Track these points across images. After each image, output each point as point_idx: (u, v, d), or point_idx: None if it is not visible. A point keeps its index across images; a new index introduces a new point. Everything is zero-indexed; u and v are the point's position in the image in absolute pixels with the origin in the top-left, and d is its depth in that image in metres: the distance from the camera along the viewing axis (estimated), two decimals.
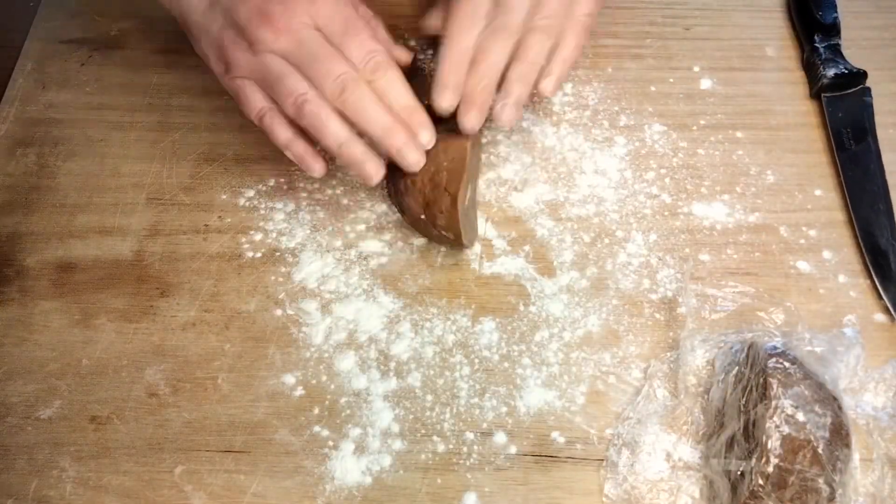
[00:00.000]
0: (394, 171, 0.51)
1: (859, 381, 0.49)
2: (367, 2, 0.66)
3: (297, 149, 0.51)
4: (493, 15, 0.48)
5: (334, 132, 0.48)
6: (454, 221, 0.50)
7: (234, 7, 0.49)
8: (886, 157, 0.58)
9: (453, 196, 0.49)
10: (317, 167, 0.51)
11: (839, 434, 0.43)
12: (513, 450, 0.49)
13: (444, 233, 0.52)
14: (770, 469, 0.42)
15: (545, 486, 0.48)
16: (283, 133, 0.50)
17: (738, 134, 0.61)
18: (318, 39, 0.48)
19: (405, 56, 0.53)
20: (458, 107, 0.50)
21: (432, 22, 0.53)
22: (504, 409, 0.50)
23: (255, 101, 0.50)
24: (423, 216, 0.51)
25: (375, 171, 0.49)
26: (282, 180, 0.59)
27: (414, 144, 0.49)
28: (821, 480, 0.42)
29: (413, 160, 0.49)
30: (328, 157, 0.52)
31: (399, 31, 0.66)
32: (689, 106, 0.63)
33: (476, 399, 0.50)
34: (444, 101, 0.49)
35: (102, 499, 0.47)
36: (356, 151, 0.49)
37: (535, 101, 0.61)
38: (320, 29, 0.48)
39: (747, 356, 0.48)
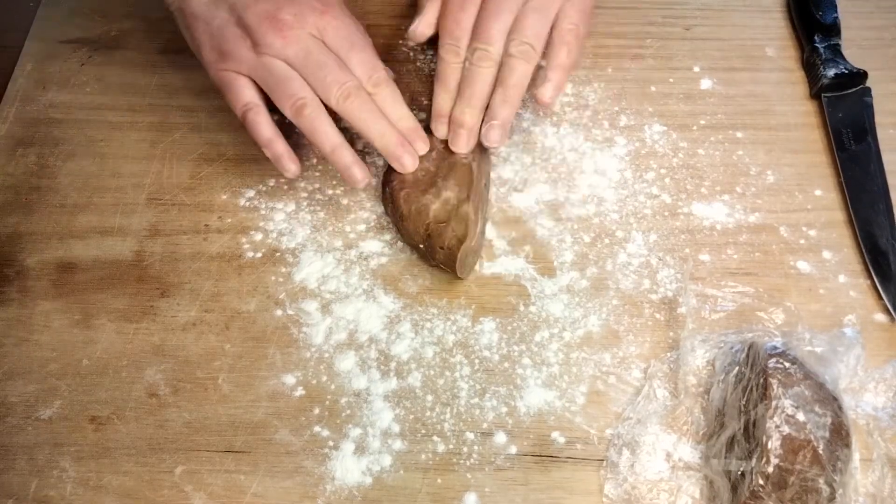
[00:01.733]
0: (396, 193, 0.52)
1: (859, 381, 0.49)
2: (367, 1, 0.67)
3: (277, 147, 0.53)
4: (473, 46, 0.52)
5: (329, 136, 0.51)
6: (452, 260, 0.51)
7: (244, 8, 0.51)
8: (886, 157, 0.58)
9: (461, 238, 0.50)
10: (292, 168, 0.53)
11: (839, 434, 0.43)
12: (513, 450, 0.49)
13: (441, 266, 0.53)
14: (770, 469, 0.42)
15: (545, 487, 0.48)
16: (265, 130, 0.52)
17: (738, 134, 0.61)
18: (325, 49, 0.51)
19: (393, 74, 0.56)
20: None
21: (418, 30, 0.56)
22: (504, 410, 0.50)
23: (245, 95, 0.52)
24: (421, 246, 0.52)
25: (362, 176, 0.52)
26: (282, 180, 0.59)
27: (409, 149, 0.53)
28: (821, 480, 0.42)
29: (408, 162, 0.52)
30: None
31: (400, 31, 0.66)
32: (689, 106, 0.63)
33: (476, 399, 0.50)
34: (440, 130, 0.54)
35: (103, 499, 0.47)
36: (346, 156, 0.52)
37: (540, 113, 0.61)
38: (325, 40, 0.52)
39: (747, 356, 0.48)
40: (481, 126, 0.53)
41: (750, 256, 0.55)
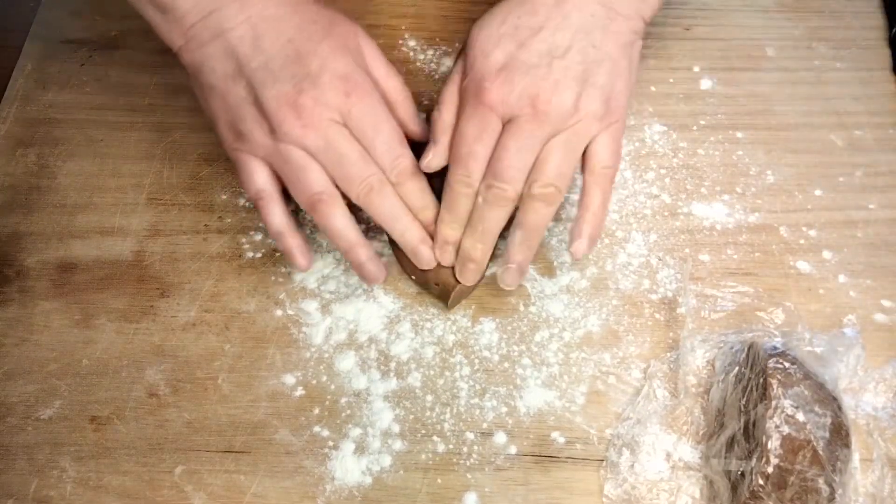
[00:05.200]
0: None
1: (859, 381, 0.49)
2: (367, 1, 0.67)
3: (288, 242, 0.50)
4: (489, 182, 0.47)
5: (345, 235, 0.49)
6: (445, 297, 0.51)
7: (262, 87, 0.46)
8: (887, 157, 0.59)
9: (459, 281, 0.50)
10: (303, 263, 0.51)
11: (839, 434, 0.44)
12: (513, 450, 0.49)
13: (433, 296, 0.53)
14: (770, 469, 0.42)
15: (545, 487, 0.48)
16: (277, 221, 0.49)
17: (738, 134, 0.61)
18: (347, 137, 0.47)
19: (420, 132, 0.53)
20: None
21: (433, 164, 0.50)
22: (504, 410, 0.50)
23: (258, 181, 0.49)
24: (413, 277, 0.52)
25: (377, 274, 0.50)
26: None
27: (429, 244, 0.50)
28: (821, 480, 0.42)
29: (427, 258, 0.50)
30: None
31: (400, 31, 0.66)
32: (689, 106, 0.62)
33: (476, 399, 0.50)
34: (447, 257, 0.50)
35: (102, 499, 0.47)
36: (362, 255, 0.50)
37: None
38: (348, 124, 0.47)
39: (747, 356, 0.48)
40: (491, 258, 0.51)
41: (750, 256, 0.55)
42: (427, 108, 0.61)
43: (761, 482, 0.42)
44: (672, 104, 0.63)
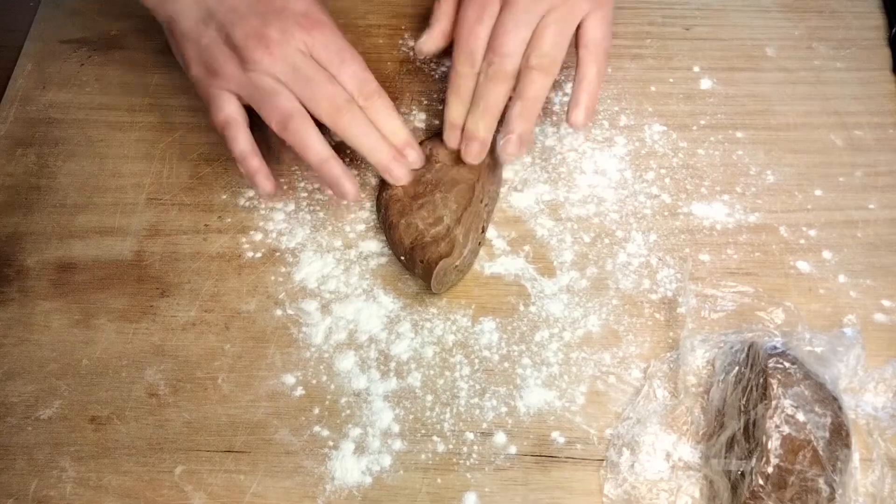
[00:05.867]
0: (391, 202, 0.52)
1: (859, 381, 0.49)
2: (367, 1, 0.67)
3: (252, 163, 0.52)
4: (490, 59, 0.51)
5: (317, 149, 0.51)
6: (429, 275, 0.51)
7: (231, 26, 0.50)
8: (887, 157, 0.59)
9: (444, 255, 0.50)
10: (267, 186, 0.53)
11: (839, 434, 0.44)
12: (513, 450, 0.49)
13: (418, 279, 0.53)
14: (770, 469, 0.42)
15: (545, 486, 0.48)
16: (241, 145, 0.52)
17: (738, 134, 0.61)
18: (314, 64, 0.51)
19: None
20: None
21: (425, 47, 0.56)
22: (504, 409, 0.50)
23: (226, 109, 0.52)
24: (402, 258, 0.52)
25: (352, 189, 0.52)
26: (282, 180, 0.59)
27: (401, 160, 0.52)
28: (821, 480, 0.42)
29: (400, 175, 0.52)
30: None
31: (399, 31, 0.66)
32: (689, 106, 0.62)
33: (476, 399, 0.50)
34: (452, 140, 0.53)
35: (102, 499, 0.47)
36: (335, 169, 0.51)
37: (571, 130, 0.60)
38: (314, 55, 0.51)
39: (747, 356, 0.48)
40: (496, 139, 0.53)
41: (750, 256, 0.55)
42: (427, 109, 0.61)
43: (761, 482, 0.42)
44: (672, 104, 0.63)
